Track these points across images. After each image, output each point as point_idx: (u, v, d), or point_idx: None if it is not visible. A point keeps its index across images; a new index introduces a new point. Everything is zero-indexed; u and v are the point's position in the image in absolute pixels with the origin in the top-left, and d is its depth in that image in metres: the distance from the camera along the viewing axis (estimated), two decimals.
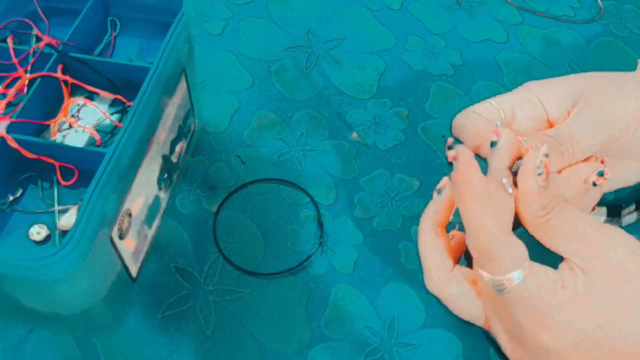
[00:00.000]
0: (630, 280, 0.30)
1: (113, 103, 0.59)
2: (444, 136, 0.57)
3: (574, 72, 0.81)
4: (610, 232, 0.32)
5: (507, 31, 0.86)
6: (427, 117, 0.74)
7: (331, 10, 0.87)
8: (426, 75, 0.79)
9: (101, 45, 0.63)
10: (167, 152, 0.58)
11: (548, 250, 0.35)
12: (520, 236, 0.34)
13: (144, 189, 0.54)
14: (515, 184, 0.34)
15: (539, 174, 0.32)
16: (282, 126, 0.73)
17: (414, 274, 0.60)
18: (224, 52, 0.80)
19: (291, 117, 0.74)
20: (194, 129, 0.67)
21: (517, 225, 0.35)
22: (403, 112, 0.75)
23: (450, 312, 0.59)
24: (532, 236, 0.34)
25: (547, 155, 0.33)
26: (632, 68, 0.83)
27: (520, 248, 0.33)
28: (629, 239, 0.32)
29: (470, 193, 0.33)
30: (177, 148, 0.61)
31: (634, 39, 0.87)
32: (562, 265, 0.33)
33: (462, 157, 0.33)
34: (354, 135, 0.72)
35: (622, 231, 0.32)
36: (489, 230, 0.33)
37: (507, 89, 0.78)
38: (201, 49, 0.80)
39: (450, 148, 0.34)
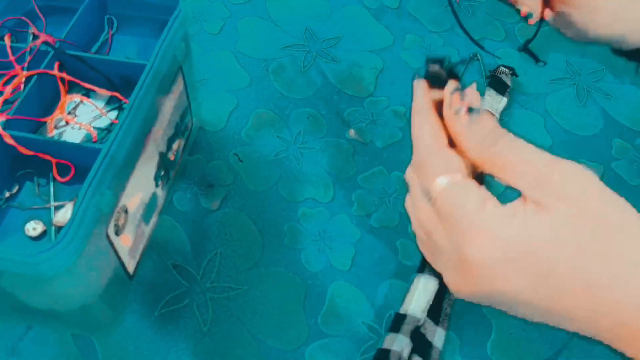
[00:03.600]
0: (585, 213, 0.28)
1: (110, 100, 0.59)
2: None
3: (572, 70, 0.81)
4: (563, 163, 0.30)
5: (505, 29, 0.86)
6: None
7: (329, 9, 0.87)
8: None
9: (98, 43, 0.63)
10: (164, 149, 0.58)
11: None
12: None
13: (141, 186, 0.54)
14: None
15: (456, 112, 0.32)
16: (280, 124, 0.73)
17: (411, 270, 0.60)
18: (222, 51, 0.80)
19: (289, 115, 0.74)
20: (192, 127, 0.67)
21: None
22: (400, 110, 0.75)
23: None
24: None
25: (458, 89, 0.33)
26: (631, 66, 0.83)
27: (453, 159, 0.32)
28: (582, 169, 0.30)
29: (416, 106, 0.35)
30: (174, 146, 0.61)
31: None
32: (517, 199, 0.31)
33: (418, 87, 0.36)
34: (352, 133, 0.72)
35: (574, 163, 0.30)
36: (424, 139, 0.33)
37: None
38: (199, 48, 0.80)
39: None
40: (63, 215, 0.50)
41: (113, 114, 0.58)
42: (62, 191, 0.53)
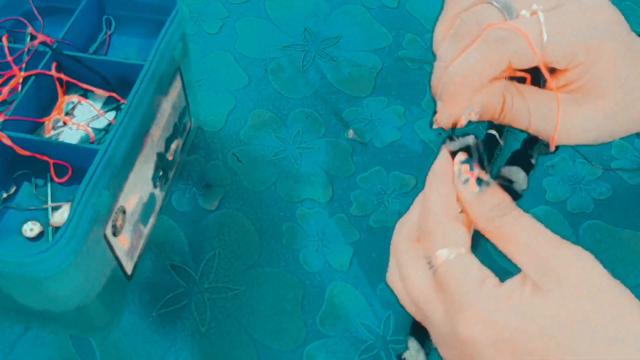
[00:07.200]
0: (580, 300, 0.28)
1: (107, 101, 0.59)
2: (440, 133, 0.57)
3: None
4: (566, 247, 0.30)
5: None
6: (423, 114, 0.74)
7: (328, 8, 0.87)
8: (422, 72, 0.79)
9: (96, 44, 0.63)
10: (162, 150, 0.58)
11: None
12: None
13: (139, 187, 0.54)
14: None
15: (464, 182, 0.32)
16: (279, 124, 0.73)
17: None
18: (221, 51, 0.80)
19: (287, 115, 0.74)
20: (190, 127, 0.67)
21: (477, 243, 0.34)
22: (399, 109, 0.75)
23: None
24: None
25: (465, 162, 0.33)
26: None
27: (458, 232, 0.32)
28: (586, 255, 0.30)
29: (435, 169, 0.34)
30: (173, 146, 0.61)
31: None
32: (516, 276, 0.31)
33: (442, 151, 0.34)
34: (351, 133, 0.72)
35: (578, 247, 0.30)
36: (432, 208, 0.33)
37: None
38: (198, 48, 0.80)
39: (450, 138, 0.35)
40: (60, 216, 0.50)
41: (111, 115, 0.58)
42: (59, 192, 0.53)
